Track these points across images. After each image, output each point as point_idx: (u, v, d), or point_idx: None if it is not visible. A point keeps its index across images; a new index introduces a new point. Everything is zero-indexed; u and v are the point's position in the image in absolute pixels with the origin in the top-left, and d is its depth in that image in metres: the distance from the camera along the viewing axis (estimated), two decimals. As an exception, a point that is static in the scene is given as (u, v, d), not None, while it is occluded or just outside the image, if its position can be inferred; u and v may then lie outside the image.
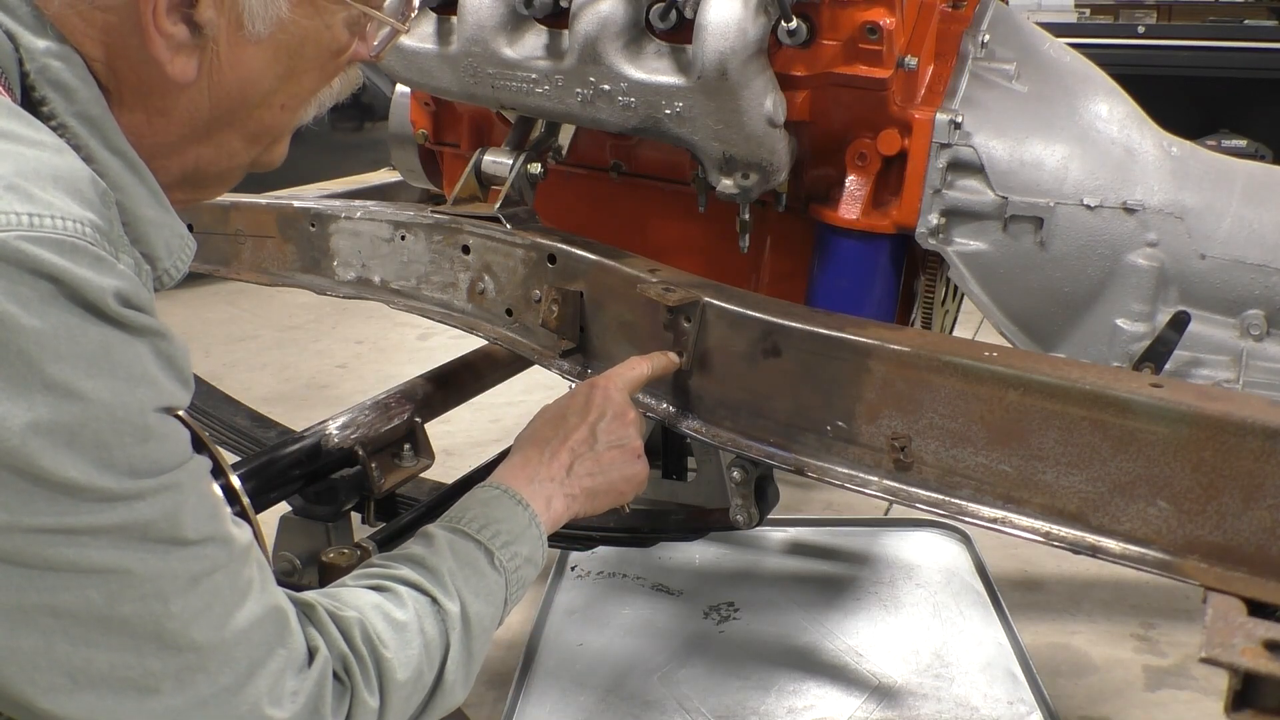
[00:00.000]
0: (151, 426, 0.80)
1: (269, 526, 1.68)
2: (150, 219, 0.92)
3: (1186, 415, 1.20)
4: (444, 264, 1.77)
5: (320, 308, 4.77)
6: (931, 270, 1.74)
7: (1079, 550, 1.28)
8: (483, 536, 1.14)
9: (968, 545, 2.60)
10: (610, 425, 1.32)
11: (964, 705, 2.03)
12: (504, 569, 1.13)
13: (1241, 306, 1.60)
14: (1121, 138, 1.66)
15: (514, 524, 1.18)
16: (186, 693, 0.82)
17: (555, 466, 1.27)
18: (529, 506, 1.21)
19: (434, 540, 1.11)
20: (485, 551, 1.13)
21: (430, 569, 1.07)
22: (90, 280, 0.76)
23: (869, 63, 1.51)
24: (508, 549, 1.15)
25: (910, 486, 1.38)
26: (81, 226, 0.77)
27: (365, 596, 1.02)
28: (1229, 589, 1.17)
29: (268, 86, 0.98)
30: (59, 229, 0.76)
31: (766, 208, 1.73)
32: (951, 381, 1.33)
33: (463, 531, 1.14)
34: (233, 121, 0.99)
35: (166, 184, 0.96)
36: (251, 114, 0.99)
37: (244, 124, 1.00)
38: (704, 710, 2.01)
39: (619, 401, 1.35)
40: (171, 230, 0.94)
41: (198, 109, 0.96)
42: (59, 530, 0.75)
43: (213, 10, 0.91)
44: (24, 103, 0.87)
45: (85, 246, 0.77)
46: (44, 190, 0.77)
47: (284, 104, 1.01)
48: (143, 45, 0.90)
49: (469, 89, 1.67)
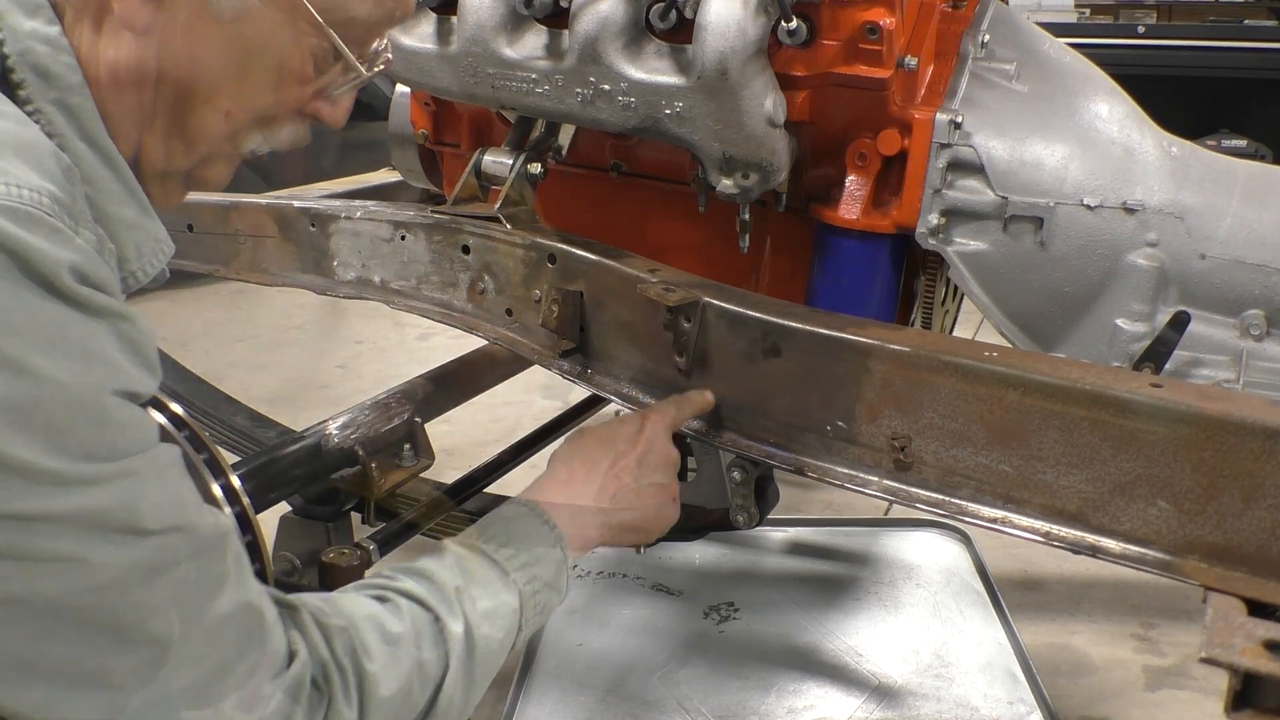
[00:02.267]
0: (109, 409, 0.77)
1: (269, 526, 1.68)
2: (121, 218, 0.90)
3: (1186, 415, 1.20)
4: (444, 264, 1.77)
5: (320, 308, 4.76)
6: (931, 270, 1.74)
7: (1079, 550, 1.28)
8: (500, 556, 1.09)
9: (968, 545, 2.60)
10: (656, 461, 1.31)
11: (964, 705, 2.03)
12: (520, 592, 1.08)
13: (1241, 306, 1.60)
14: (1121, 138, 1.66)
15: (537, 545, 1.13)
16: (148, 690, 0.78)
17: (601, 492, 1.23)
18: (555, 527, 1.15)
19: (446, 555, 1.07)
20: (500, 572, 1.08)
21: (437, 584, 1.02)
22: (45, 252, 0.74)
23: (869, 63, 1.51)
24: (525, 570, 1.10)
25: (910, 486, 1.38)
26: (38, 196, 0.75)
27: (362, 606, 0.98)
28: (1229, 589, 1.17)
29: (217, 77, 0.94)
30: (13, 196, 0.74)
31: (766, 208, 1.73)
32: (951, 381, 1.33)
33: (479, 549, 1.09)
34: (174, 107, 0.95)
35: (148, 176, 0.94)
36: (195, 109, 0.95)
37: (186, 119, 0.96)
38: (704, 710, 2.01)
39: (664, 441, 1.34)
40: (145, 232, 0.92)
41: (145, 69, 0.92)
42: (9, 515, 0.72)
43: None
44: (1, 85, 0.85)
45: (41, 216, 0.75)
46: (3, 158, 0.75)
47: (229, 110, 0.96)
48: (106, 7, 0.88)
49: (469, 89, 1.67)
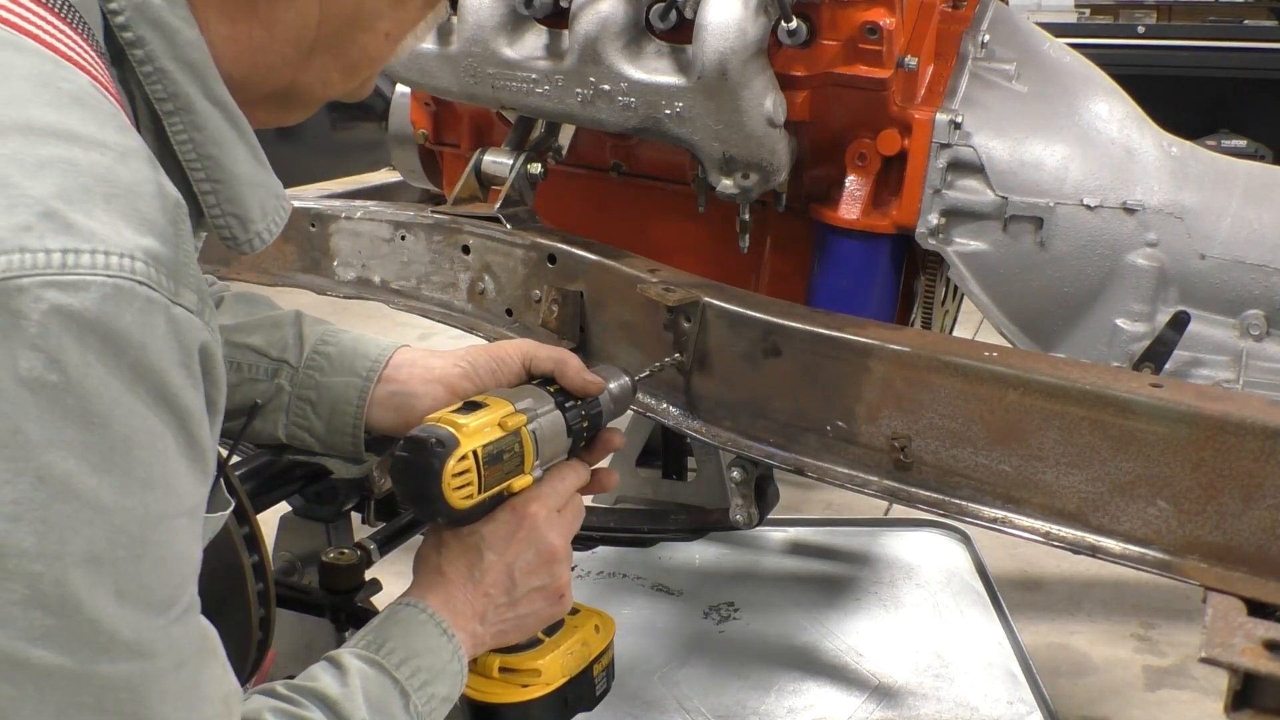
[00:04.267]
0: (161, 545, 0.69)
1: (269, 526, 1.68)
2: (246, 177, 0.83)
3: (1186, 415, 1.20)
4: (444, 264, 1.77)
5: (320, 308, 4.77)
6: (931, 270, 1.74)
7: (1079, 550, 1.28)
8: (401, 674, 0.99)
9: (968, 545, 2.60)
10: (533, 566, 1.12)
11: (964, 705, 2.03)
12: (418, 715, 1.00)
13: (1241, 306, 1.60)
14: (1121, 138, 1.66)
15: (437, 658, 1.03)
16: None
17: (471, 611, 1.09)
18: (454, 638, 1.05)
19: (349, 678, 0.96)
20: (402, 694, 0.98)
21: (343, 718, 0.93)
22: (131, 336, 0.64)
23: (869, 63, 1.51)
24: (425, 690, 1.00)
25: (910, 486, 1.38)
26: (130, 261, 0.64)
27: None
28: (1229, 589, 1.17)
29: (380, 8, 0.90)
30: (100, 267, 0.63)
31: (766, 208, 1.73)
32: (951, 381, 1.33)
33: (380, 665, 0.99)
34: (337, 44, 0.90)
35: (253, 100, 0.87)
36: (357, 39, 0.91)
37: (348, 50, 0.91)
38: (704, 710, 2.01)
39: (546, 537, 1.13)
40: (267, 189, 0.86)
41: (306, 24, 0.86)
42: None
43: None
44: (108, 46, 0.77)
45: (133, 289, 0.64)
46: (89, 214, 0.64)
47: (389, 32, 0.92)
48: None
49: (469, 89, 1.67)
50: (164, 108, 0.79)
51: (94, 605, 0.65)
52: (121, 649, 0.67)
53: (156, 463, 0.67)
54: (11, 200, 0.62)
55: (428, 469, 1.02)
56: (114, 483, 0.65)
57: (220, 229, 0.84)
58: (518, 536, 1.11)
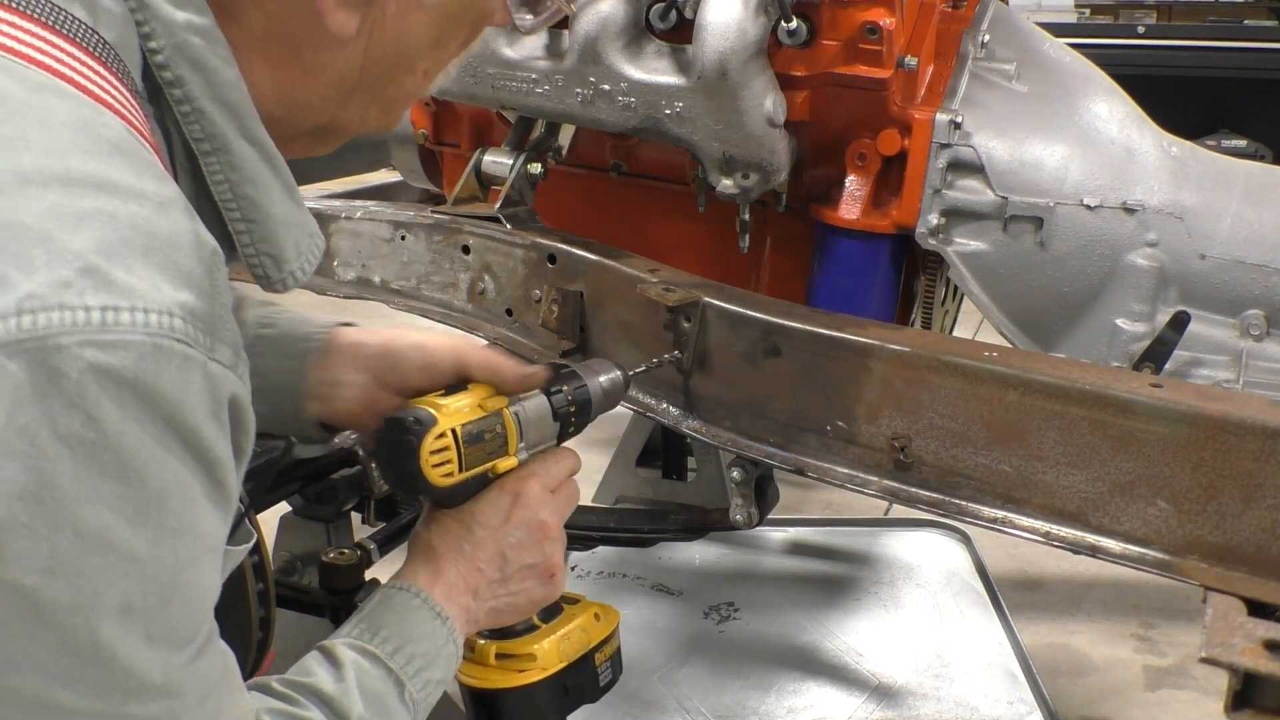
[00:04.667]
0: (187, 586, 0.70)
1: (269, 526, 1.69)
2: (281, 217, 0.83)
3: (1186, 415, 1.20)
4: (444, 264, 1.77)
5: (320, 307, 4.76)
6: (931, 270, 1.74)
7: (1079, 550, 1.28)
8: (395, 663, 0.99)
9: (968, 545, 2.60)
10: (524, 543, 1.11)
11: (964, 705, 2.03)
12: (413, 702, 0.99)
13: (1241, 306, 1.60)
14: (1121, 138, 1.66)
15: (431, 643, 1.03)
16: None
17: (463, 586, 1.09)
18: (448, 621, 1.05)
19: (343, 671, 0.95)
20: (397, 684, 0.98)
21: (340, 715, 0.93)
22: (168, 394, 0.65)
23: (869, 63, 1.51)
24: (420, 676, 1.00)
25: (910, 486, 1.38)
26: (169, 319, 0.64)
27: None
28: (1229, 589, 1.17)
29: (421, 52, 0.90)
30: (139, 325, 0.63)
31: (766, 208, 1.73)
32: (951, 381, 1.33)
33: (374, 655, 0.99)
34: (377, 85, 0.91)
35: (289, 136, 0.88)
36: (397, 79, 0.91)
37: (387, 89, 0.92)
38: (704, 710, 2.01)
39: (537, 514, 1.12)
40: (302, 228, 0.86)
41: (349, 69, 0.87)
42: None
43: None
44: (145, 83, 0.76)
45: (170, 347, 0.64)
46: (129, 269, 0.64)
47: (427, 70, 0.93)
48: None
49: (469, 89, 1.67)
50: (201, 147, 0.79)
51: (126, 652, 0.66)
52: (151, 691, 0.68)
53: (186, 511, 0.68)
54: (51, 255, 0.62)
55: (406, 447, 1.03)
56: (148, 535, 0.66)
57: (254, 268, 0.84)
58: (510, 514, 1.11)
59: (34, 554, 0.62)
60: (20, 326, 0.60)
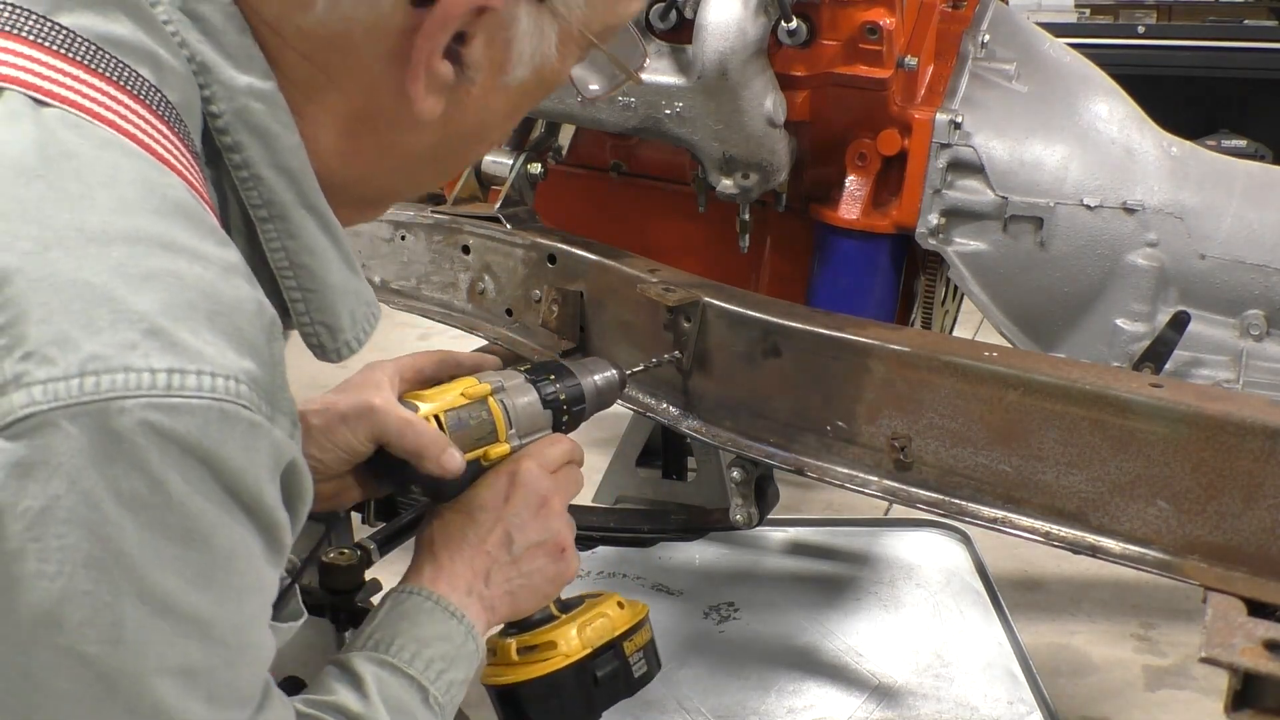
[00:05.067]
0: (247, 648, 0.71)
1: (269, 526, 1.68)
2: (338, 286, 0.81)
3: (1186, 415, 1.20)
4: (444, 264, 1.77)
5: (320, 308, 4.75)
6: (931, 270, 1.74)
7: (1079, 550, 1.28)
8: (415, 670, 0.97)
9: (968, 545, 2.60)
10: (529, 522, 1.10)
11: (964, 705, 2.03)
12: (439, 706, 0.98)
13: (1241, 306, 1.60)
14: (1121, 138, 1.66)
15: (448, 644, 1.01)
16: None
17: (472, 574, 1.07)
18: (464, 619, 1.03)
19: (365, 686, 0.93)
20: (419, 691, 0.97)
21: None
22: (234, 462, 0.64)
23: (869, 63, 1.51)
24: (443, 679, 0.99)
25: (910, 486, 1.38)
26: (235, 384, 0.64)
27: None
28: (1229, 589, 1.17)
29: (497, 126, 0.89)
30: (205, 389, 0.62)
31: (766, 208, 1.73)
32: (951, 381, 1.33)
33: (393, 666, 0.97)
34: (448, 158, 0.90)
35: (345, 202, 0.85)
36: (468, 152, 0.91)
37: (455, 162, 0.92)
38: (704, 710, 2.01)
39: (537, 490, 1.11)
40: (358, 297, 0.84)
41: (424, 146, 0.85)
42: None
43: (482, 50, 0.79)
44: (204, 145, 0.75)
45: (237, 413, 0.64)
46: (195, 333, 0.63)
47: (495, 139, 0.94)
48: (399, 77, 0.78)
49: (469, 89, 1.67)
50: (259, 214, 0.77)
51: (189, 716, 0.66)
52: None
53: (250, 572, 0.68)
54: (116, 316, 0.61)
55: None
56: (212, 598, 0.65)
57: (308, 336, 0.82)
58: (509, 494, 1.10)
59: (97, 622, 0.61)
60: (83, 388, 0.59)
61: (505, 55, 0.80)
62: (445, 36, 0.77)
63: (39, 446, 0.59)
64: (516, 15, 0.78)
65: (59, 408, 0.59)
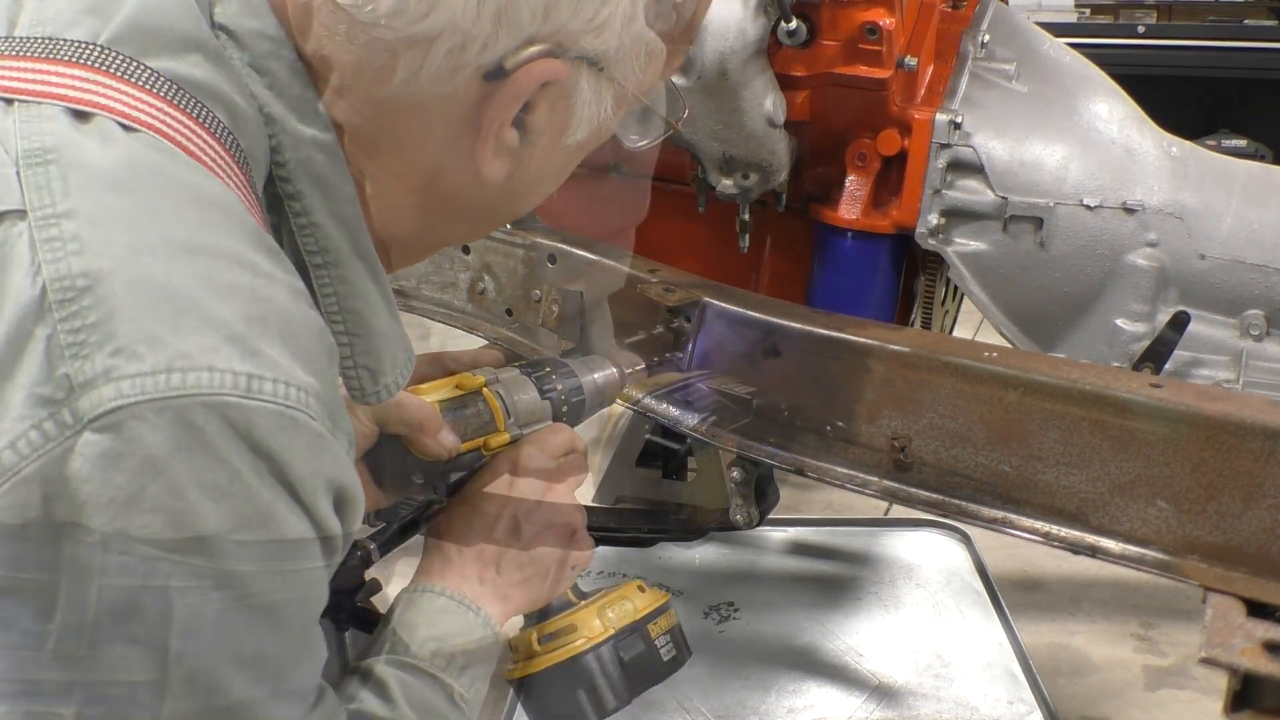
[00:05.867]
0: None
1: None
2: (383, 331, 0.84)
3: (1186, 415, 1.20)
4: (444, 264, 1.77)
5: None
6: (931, 270, 1.74)
7: (1079, 550, 1.28)
8: (436, 668, 0.98)
9: (968, 545, 2.59)
10: (534, 507, 1.11)
11: (964, 705, 2.03)
12: (464, 702, 0.99)
13: (1241, 306, 1.60)
14: (1121, 138, 1.66)
15: (466, 638, 1.02)
16: None
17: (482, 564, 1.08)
18: (479, 610, 1.04)
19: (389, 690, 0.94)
20: (444, 689, 0.98)
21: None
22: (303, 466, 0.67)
23: (869, 63, 1.51)
24: (465, 675, 1.00)
25: (910, 486, 1.38)
26: (305, 396, 0.67)
27: None
28: (1229, 589, 1.17)
29: (552, 182, 0.91)
30: (280, 396, 0.66)
31: (766, 208, 1.73)
32: (951, 381, 1.33)
33: (415, 668, 0.98)
34: (493, 212, 0.93)
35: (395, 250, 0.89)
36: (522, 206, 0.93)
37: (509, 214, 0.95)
38: (704, 710, 2.01)
39: (542, 474, 1.12)
40: (399, 343, 0.86)
41: (483, 201, 0.88)
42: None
43: (545, 116, 0.82)
44: (266, 192, 0.79)
45: (306, 422, 0.67)
46: (270, 345, 0.67)
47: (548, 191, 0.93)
48: (467, 143, 0.81)
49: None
50: (314, 260, 0.80)
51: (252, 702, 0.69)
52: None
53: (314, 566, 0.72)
54: (201, 321, 0.65)
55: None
56: (285, 587, 0.69)
57: (349, 379, 0.84)
58: (512, 481, 1.12)
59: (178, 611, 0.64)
60: (169, 383, 0.62)
61: (566, 120, 0.83)
62: (515, 107, 0.80)
63: (126, 439, 0.62)
64: (579, 84, 0.81)
65: (145, 401, 0.62)
